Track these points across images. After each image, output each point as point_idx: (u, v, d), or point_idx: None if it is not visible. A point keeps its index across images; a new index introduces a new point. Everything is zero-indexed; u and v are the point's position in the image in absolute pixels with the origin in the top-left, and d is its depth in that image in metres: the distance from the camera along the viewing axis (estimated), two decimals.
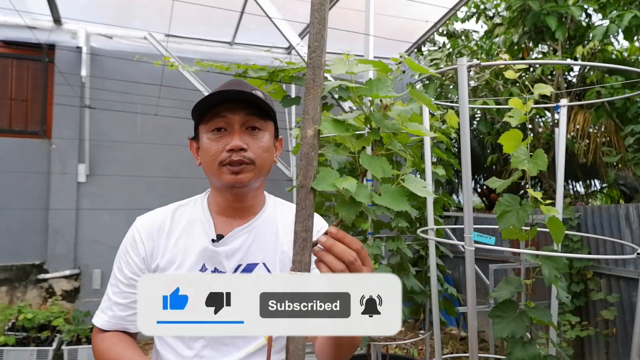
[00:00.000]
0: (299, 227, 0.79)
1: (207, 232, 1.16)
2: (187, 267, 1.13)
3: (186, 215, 1.20)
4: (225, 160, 1.09)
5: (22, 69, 5.02)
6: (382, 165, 0.80)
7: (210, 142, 1.11)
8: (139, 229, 1.17)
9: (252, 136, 1.12)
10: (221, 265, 1.14)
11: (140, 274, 1.14)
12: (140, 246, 1.15)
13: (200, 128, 1.15)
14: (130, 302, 1.14)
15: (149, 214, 1.21)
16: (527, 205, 1.67)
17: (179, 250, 1.14)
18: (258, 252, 1.17)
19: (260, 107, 1.11)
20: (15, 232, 4.78)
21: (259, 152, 1.11)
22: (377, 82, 0.84)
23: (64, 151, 4.91)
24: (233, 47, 5.59)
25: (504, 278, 1.79)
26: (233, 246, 1.15)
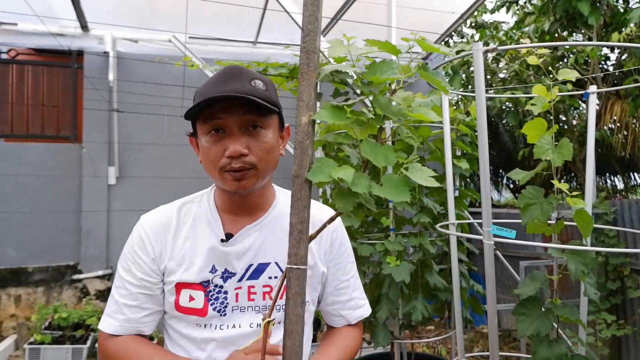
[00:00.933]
0: (295, 219, 0.76)
1: (215, 232, 1.11)
2: (197, 269, 1.09)
3: (192, 213, 1.14)
4: (225, 166, 1.01)
5: (53, 76, 5.17)
6: (386, 154, 0.76)
7: (209, 145, 1.03)
8: (146, 229, 1.12)
9: (254, 136, 1.02)
10: (231, 265, 1.10)
11: (152, 275, 1.10)
12: (149, 247, 1.10)
13: (197, 126, 1.07)
14: (142, 302, 1.10)
15: (153, 213, 1.16)
16: (552, 197, 1.59)
17: (187, 252, 1.10)
18: (270, 251, 1.12)
19: (259, 104, 0.99)
20: (50, 234, 4.93)
21: (262, 155, 1.02)
22: (381, 64, 0.80)
23: (94, 154, 5.04)
24: (256, 47, 5.61)
25: (529, 274, 1.71)
26: (243, 246, 1.10)
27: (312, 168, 0.75)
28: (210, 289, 1.09)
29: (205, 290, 1.08)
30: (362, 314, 1.26)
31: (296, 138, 0.77)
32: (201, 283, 1.08)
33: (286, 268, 0.75)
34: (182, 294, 1.09)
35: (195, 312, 1.08)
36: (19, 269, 4.79)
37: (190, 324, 1.09)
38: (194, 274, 1.08)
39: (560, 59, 6.09)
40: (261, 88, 1.02)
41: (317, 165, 0.75)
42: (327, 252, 1.19)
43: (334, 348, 1.17)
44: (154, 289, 1.10)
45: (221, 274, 1.09)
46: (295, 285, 0.74)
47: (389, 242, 2.33)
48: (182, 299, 1.08)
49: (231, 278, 1.09)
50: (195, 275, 1.08)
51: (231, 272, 1.10)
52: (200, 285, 1.08)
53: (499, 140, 8.33)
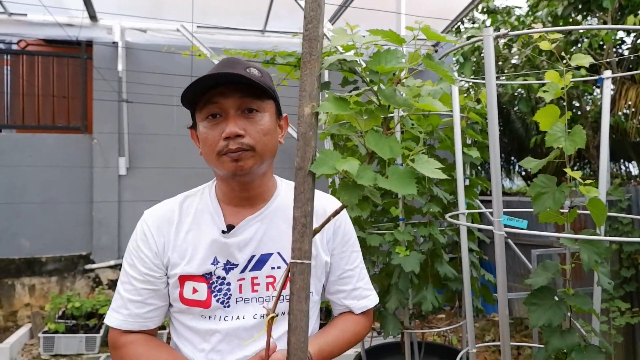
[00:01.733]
0: (298, 212, 0.74)
1: (216, 223, 1.11)
2: (198, 261, 1.09)
3: (194, 206, 1.15)
4: (222, 149, 1.02)
5: (63, 66, 5.19)
6: (391, 145, 0.74)
7: (207, 130, 1.04)
8: (149, 223, 1.13)
9: (250, 119, 1.04)
10: (233, 257, 1.10)
11: (155, 269, 1.11)
12: (152, 241, 1.11)
13: (196, 116, 1.09)
14: (147, 298, 1.10)
15: (156, 207, 1.17)
16: (564, 186, 1.55)
17: (189, 244, 1.10)
18: (272, 242, 1.12)
19: (255, 87, 1.02)
20: (62, 224, 4.98)
21: (258, 137, 1.03)
22: (386, 53, 0.78)
23: (104, 145, 5.06)
24: (265, 35, 5.57)
25: (541, 263, 1.68)
26: (245, 237, 1.10)
27: (316, 160, 0.73)
28: (213, 280, 1.09)
29: (208, 282, 1.09)
30: (366, 304, 1.24)
31: (298, 129, 0.75)
32: (203, 275, 1.09)
33: (290, 262, 0.74)
34: (186, 287, 1.09)
35: (199, 304, 1.08)
36: (32, 259, 4.86)
37: (195, 316, 1.10)
38: (196, 266, 1.09)
39: (574, 43, 5.97)
40: (256, 74, 1.04)
41: (321, 157, 0.73)
42: (329, 240, 1.19)
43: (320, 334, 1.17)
44: (158, 284, 1.11)
45: (223, 266, 1.09)
46: (299, 280, 0.72)
47: (399, 232, 2.31)
48: (186, 292, 1.09)
49: (233, 269, 1.10)
50: (198, 268, 1.09)
51: (233, 263, 1.10)
52: (202, 277, 1.09)
53: (510, 128, 8.24)
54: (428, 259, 2.46)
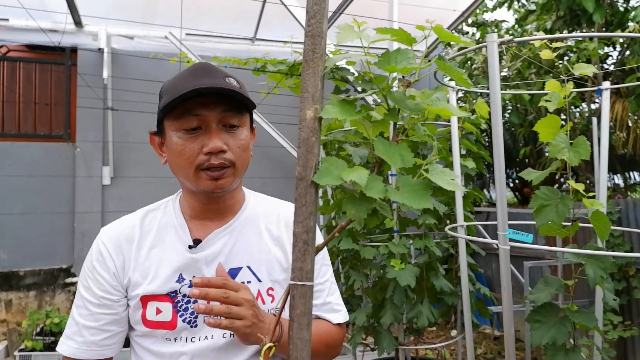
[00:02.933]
0: (299, 227, 0.66)
1: (182, 238, 1.04)
2: (162, 280, 1.01)
3: (157, 221, 1.07)
4: (203, 164, 0.96)
5: (45, 73, 5.06)
6: (402, 153, 0.67)
7: (184, 142, 0.97)
8: (105, 242, 1.04)
9: (231, 134, 0.99)
10: (200, 273, 1.02)
11: (112, 292, 1.02)
12: (109, 261, 1.02)
13: (166, 123, 1.00)
14: (104, 324, 1.01)
15: (114, 224, 1.09)
16: (567, 198, 1.50)
17: (152, 262, 1.02)
18: (241, 255, 1.05)
19: (238, 101, 0.98)
20: (43, 236, 4.81)
21: (239, 153, 0.99)
22: (396, 53, 0.71)
23: (88, 154, 4.92)
24: (255, 44, 5.51)
25: (542, 278, 1.62)
26: (212, 250, 1.03)
27: (319, 169, 0.65)
28: (178, 299, 1.01)
29: (173, 302, 1.01)
30: (338, 319, 1.15)
31: (299, 135, 0.67)
32: (168, 294, 1.01)
33: (289, 284, 0.66)
34: (149, 308, 1.01)
35: (163, 326, 1.00)
36: (10, 273, 4.67)
37: (159, 339, 1.01)
38: (159, 285, 1.01)
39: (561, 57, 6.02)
40: (235, 85, 0.99)
41: (325, 165, 0.66)
42: None
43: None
44: (115, 307, 1.02)
45: (190, 283, 1.01)
46: (300, 305, 0.64)
47: (393, 245, 2.24)
48: (149, 313, 1.01)
49: None
50: (161, 286, 1.01)
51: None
52: (167, 296, 1.01)
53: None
54: (423, 272, 2.39)
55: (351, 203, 0.66)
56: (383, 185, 0.66)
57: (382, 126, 0.75)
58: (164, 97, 0.99)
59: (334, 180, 0.65)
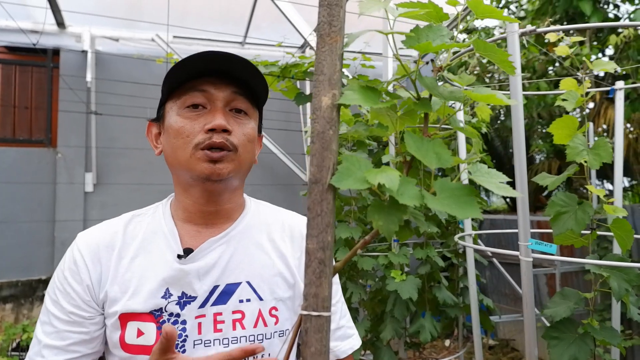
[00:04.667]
0: (313, 243, 0.53)
1: (170, 246, 0.90)
2: (145, 295, 0.85)
3: (143, 227, 0.93)
4: (202, 142, 0.85)
5: (26, 75, 4.87)
6: (437, 151, 0.55)
7: (184, 120, 0.86)
8: (81, 249, 0.89)
9: (237, 120, 0.89)
10: (191, 288, 0.87)
11: (84, 307, 0.86)
12: (84, 271, 0.88)
13: (167, 106, 0.90)
14: (70, 343, 0.85)
15: (93, 229, 0.94)
16: (587, 205, 1.39)
17: (134, 274, 0.88)
18: (240, 269, 0.91)
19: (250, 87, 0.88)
20: (21, 246, 4.61)
21: (244, 140, 0.88)
22: (427, 30, 0.58)
23: (70, 160, 4.74)
24: (245, 47, 5.38)
25: (559, 291, 1.50)
26: (206, 262, 0.89)
27: (339, 169, 0.52)
28: (163, 319, 0.86)
29: (157, 321, 0.86)
30: (352, 345, 1.03)
31: (313, 128, 0.54)
32: (151, 312, 0.85)
33: (301, 315, 0.52)
34: (129, 328, 0.85)
35: (145, 351, 0.84)
36: None
37: None
38: (141, 301, 0.85)
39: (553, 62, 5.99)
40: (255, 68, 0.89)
41: (345, 165, 0.53)
42: None
43: None
44: (87, 326, 0.87)
45: (177, 299, 0.86)
46: (315, 342, 0.51)
47: (393, 255, 2.11)
48: (129, 335, 0.85)
49: (190, 303, 0.87)
50: (144, 303, 0.85)
51: (191, 296, 0.87)
52: (150, 315, 0.85)
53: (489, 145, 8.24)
54: (424, 284, 2.26)
55: (378, 212, 0.53)
56: (418, 189, 0.53)
57: (410, 119, 0.62)
58: (166, 82, 0.89)
59: (357, 184, 0.52)
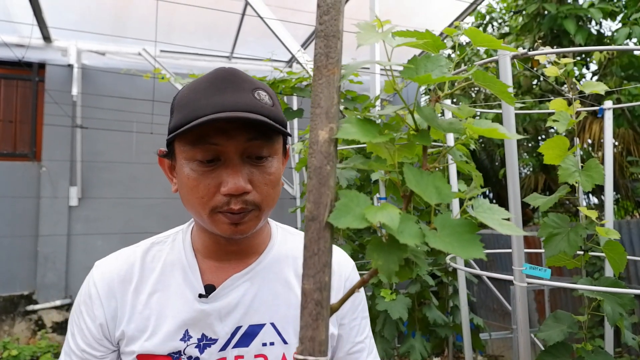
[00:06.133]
0: (310, 284, 0.51)
1: (191, 283, 0.83)
2: (163, 336, 0.80)
3: (162, 258, 0.86)
4: (220, 207, 0.76)
5: (11, 89, 4.80)
6: (437, 185, 0.53)
7: (197, 176, 0.76)
8: (97, 282, 0.84)
9: (258, 167, 0.78)
10: (211, 330, 0.82)
11: (96, 347, 0.82)
12: (98, 307, 0.82)
13: (177, 147, 0.79)
14: None
15: (110, 258, 0.88)
16: (580, 226, 1.38)
17: (152, 312, 0.82)
18: (264, 308, 0.85)
19: (268, 126, 0.75)
20: (2, 261, 4.50)
21: (266, 191, 0.78)
22: (425, 60, 0.57)
23: (54, 174, 4.66)
24: (232, 61, 5.38)
25: (552, 314, 1.49)
26: (229, 301, 0.83)
27: (337, 207, 0.50)
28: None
29: None
30: None
31: (310, 163, 0.52)
32: (170, 354, 0.81)
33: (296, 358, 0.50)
34: None
35: None
36: None
37: None
38: (159, 343, 0.80)
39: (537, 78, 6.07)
40: (267, 102, 0.77)
41: (344, 202, 0.51)
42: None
43: None
44: None
45: (197, 342, 0.81)
46: None
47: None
48: None
49: (211, 346, 0.82)
50: (162, 345, 0.80)
51: (211, 338, 0.82)
52: (168, 357, 0.81)
53: (475, 159, 8.31)
54: (415, 303, 2.24)
55: (377, 251, 0.51)
56: (418, 227, 0.51)
57: (408, 151, 0.61)
58: (175, 114, 0.78)
59: (355, 222, 0.50)
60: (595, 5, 4.33)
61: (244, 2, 4.08)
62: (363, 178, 2.56)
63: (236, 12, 4.24)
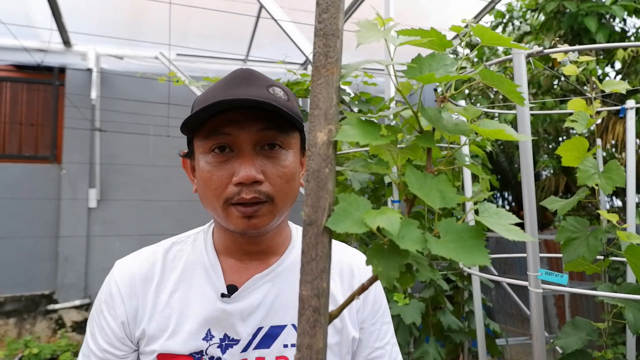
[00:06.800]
0: (307, 290, 0.49)
1: (213, 283, 0.83)
2: (185, 335, 0.80)
3: (183, 257, 0.86)
4: (232, 197, 0.76)
5: (33, 93, 4.90)
6: (441, 188, 0.51)
7: (211, 168, 0.77)
8: (118, 281, 0.84)
9: (270, 158, 0.78)
10: (234, 330, 0.81)
11: (118, 346, 0.82)
12: (119, 306, 0.82)
13: (195, 144, 0.81)
14: None
15: (131, 258, 0.88)
16: (599, 231, 1.34)
17: (174, 311, 0.82)
18: (285, 310, 0.84)
19: (282, 117, 0.76)
20: (24, 261, 4.59)
21: (280, 183, 0.77)
22: (430, 59, 0.55)
23: (74, 176, 4.74)
24: (247, 64, 5.40)
25: (570, 321, 1.45)
26: (251, 302, 0.83)
27: (335, 211, 0.49)
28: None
29: None
30: None
31: (308, 165, 0.50)
32: (191, 354, 0.80)
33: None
34: None
35: None
36: None
37: None
38: (181, 342, 0.80)
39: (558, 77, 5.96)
40: (282, 97, 0.78)
41: (342, 206, 0.49)
42: (359, 310, 0.90)
43: None
44: None
45: (219, 342, 0.81)
46: None
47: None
48: None
49: (233, 347, 0.81)
50: (184, 344, 0.80)
51: (233, 338, 0.82)
52: (190, 357, 0.81)
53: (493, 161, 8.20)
54: (429, 308, 2.20)
55: (377, 257, 0.49)
56: (420, 232, 0.49)
57: (412, 152, 0.59)
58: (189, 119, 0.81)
59: (354, 227, 0.48)
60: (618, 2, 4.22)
61: (258, 5, 4.09)
62: (377, 181, 2.54)
63: (251, 14, 4.25)
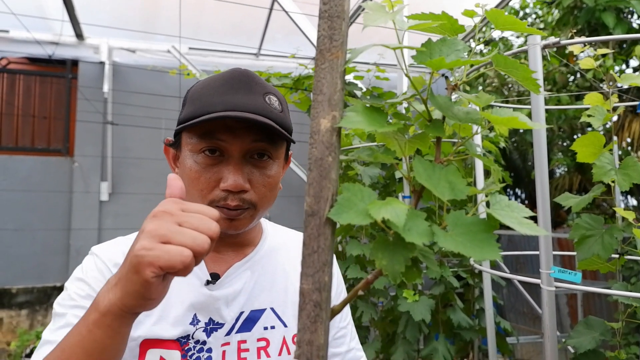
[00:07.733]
0: (308, 283, 0.47)
1: (195, 272, 0.84)
2: (172, 320, 0.80)
3: None
4: (217, 201, 0.78)
5: (45, 86, 4.93)
6: (450, 179, 0.48)
7: (199, 168, 0.79)
8: (104, 259, 0.81)
9: (258, 167, 0.81)
10: (219, 314, 0.83)
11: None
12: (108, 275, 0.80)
13: (184, 138, 0.83)
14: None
15: (108, 245, 0.86)
16: (615, 228, 1.30)
17: None
18: (264, 294, 0.89)
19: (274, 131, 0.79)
20: (36, 253, 4.63)
21: (264, 192, 0.81)
22: (441, 44, 0.53)
23: (86, 169, 4.77)
24: (259, 58, 5.39)
25: (583, 320, 1.41)
26: (234, 288, 0.86)
27: (338, 201, 0.46)
28: (189, 346, 0.80)
29: (182, 349, 0.80)
30: None
31: (310, 153, 0.48)
32: (178, 339, 0.80)
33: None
34: (150, 356, 0.78)
35: None
36: (2, 290, 4.49)
37: None
38: (169, 327, 0.80)
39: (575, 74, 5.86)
40: (277, 108, 0.81)
41: (346, 196, 0.47)
42: None
43: None
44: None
45: (204, 326, 0.82)
46: None
47: None
48: None
49: (217, 330, 0.83)
50: (172, 329, 0.80)
51: (218, 322, 0.83)
52: (177, 342, 0.80)
53: (506, 158, 8.11)
54: (438, 305, 2.17)
55: (382, 250, 0.47)
56: (427, 225, 0.47)
57: (421, 142, 0.56)
58: (187, 106, 0.82)
59: (358, 218, 0.46)
60: None
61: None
62: (388, 176, 2.51)
63: (264, 6, 4.23)
